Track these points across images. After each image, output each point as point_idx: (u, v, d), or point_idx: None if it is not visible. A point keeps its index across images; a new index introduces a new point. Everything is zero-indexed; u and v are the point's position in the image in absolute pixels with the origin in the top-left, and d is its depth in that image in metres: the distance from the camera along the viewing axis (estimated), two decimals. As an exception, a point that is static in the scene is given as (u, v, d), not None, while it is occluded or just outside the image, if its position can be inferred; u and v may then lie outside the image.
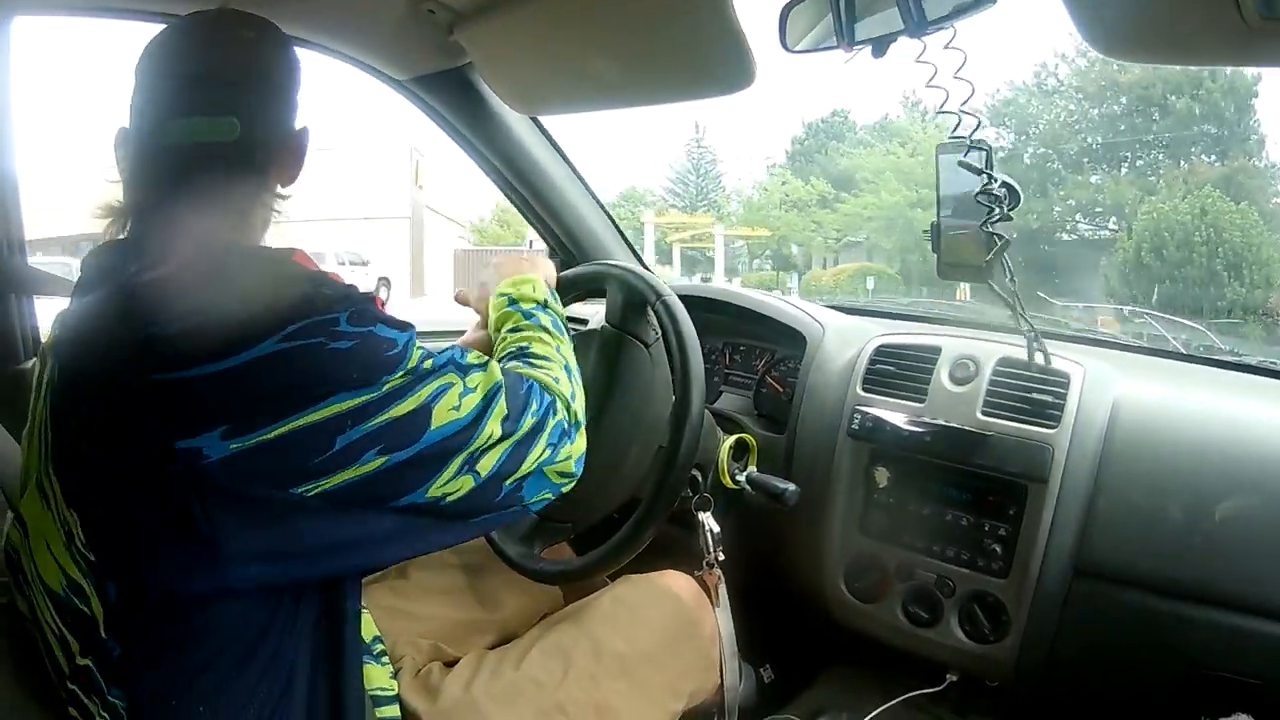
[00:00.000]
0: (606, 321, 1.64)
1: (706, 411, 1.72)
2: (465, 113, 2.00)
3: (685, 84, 1.54)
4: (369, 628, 1.35)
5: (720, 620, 1.63)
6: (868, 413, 1.71)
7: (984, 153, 1.43)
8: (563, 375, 1.28)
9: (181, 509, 0.92)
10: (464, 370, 1.10)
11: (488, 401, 1.09)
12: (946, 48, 1.27)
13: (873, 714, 1.69)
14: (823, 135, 44.16)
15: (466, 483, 1.06)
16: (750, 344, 2.13)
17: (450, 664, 1.45)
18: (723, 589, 1.65)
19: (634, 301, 1.58)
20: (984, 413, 1.60)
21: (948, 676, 1.70)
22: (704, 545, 1.63)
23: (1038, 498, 1.52)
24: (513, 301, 1.43)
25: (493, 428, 1.08)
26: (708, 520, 1.63)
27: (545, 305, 1.43)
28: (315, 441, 0.94)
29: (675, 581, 1.62)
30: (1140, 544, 1.47)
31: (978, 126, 1.42)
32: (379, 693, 1.30)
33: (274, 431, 0.93)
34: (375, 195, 27.22)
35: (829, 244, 41.63)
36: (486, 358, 1.17)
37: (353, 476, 0.97)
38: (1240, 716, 1.38)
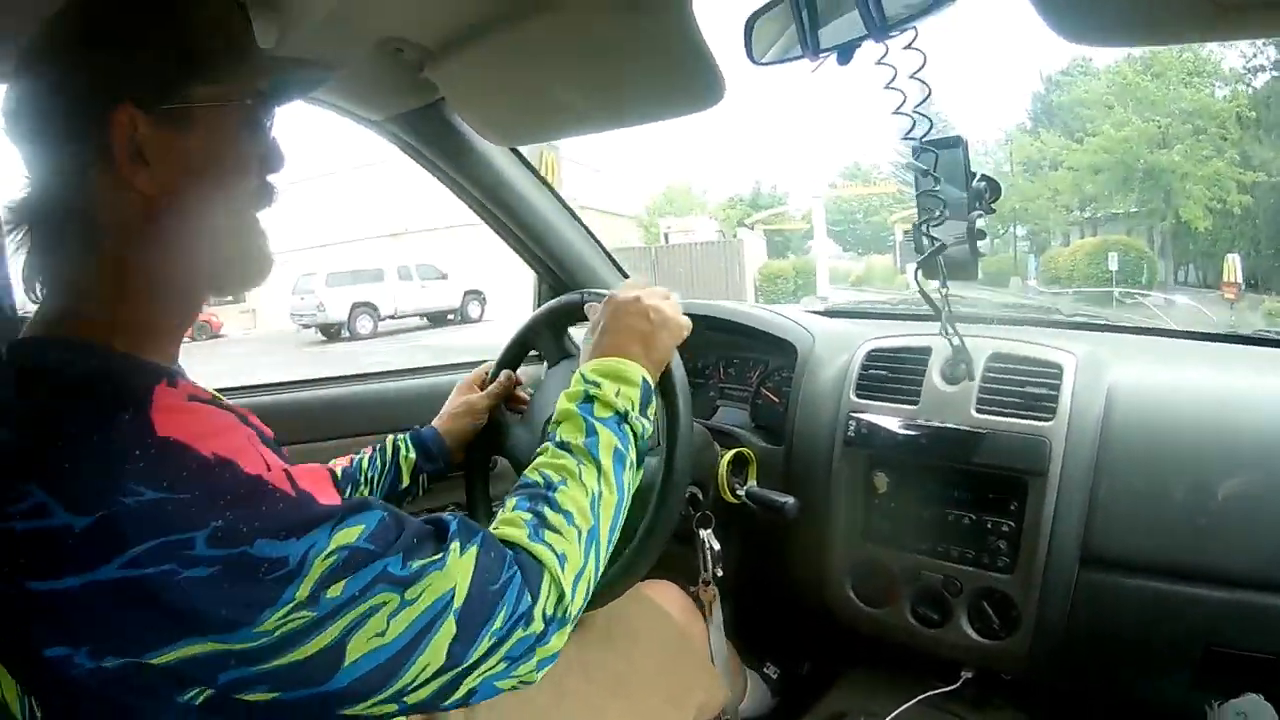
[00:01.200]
0: (548, 365, 1.60)
1: (704, 427, 1.70)
2: (443, 148, 1.96)
3: (657, 105, 1.49)
4: None
5: (713, 637, 1.59)
6: (862, 419, 1.67)
7: (958, 149, 1.42)
8: (574, 549, 0.98)
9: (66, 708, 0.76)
10: (402, 585, 0.81)
11: (433, 618, 0.83)
12: (906, 49, 1.23)
13: (889, 717, 1.65)
14: (1058, 89, 35.83)
15: (389, 708, 0.84)
16: (744, 357, 2.09)
17: None
18: (717, 606, 1.60)
19: (558, 326, 1.52)
20: (978, 410, 1.56)
21: (962, 674, 1.66)
22: (703, 562, 1.58)
23: (1038, 491, 1.48)
24: (587, 399, 1.12)
25: (429, 658, 0.83)
26: (708, 538, 1.57)
27: (624, 418, 1.11)
28: (195, 671, 0.74)
29: (663, 594, 1.59)
30: (1145, 529, 1.43)
31: (929, 130, 1.40)
32: None
33: (146, 660, 0.72)
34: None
35: (1076, 214, 31.67)
36: (440, 549, 0.87)
37: (240, 698, 0.78)
38: (1249, 697, 1.34)
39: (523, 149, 2.03)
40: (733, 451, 1.70)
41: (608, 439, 1.08)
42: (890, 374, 1.70)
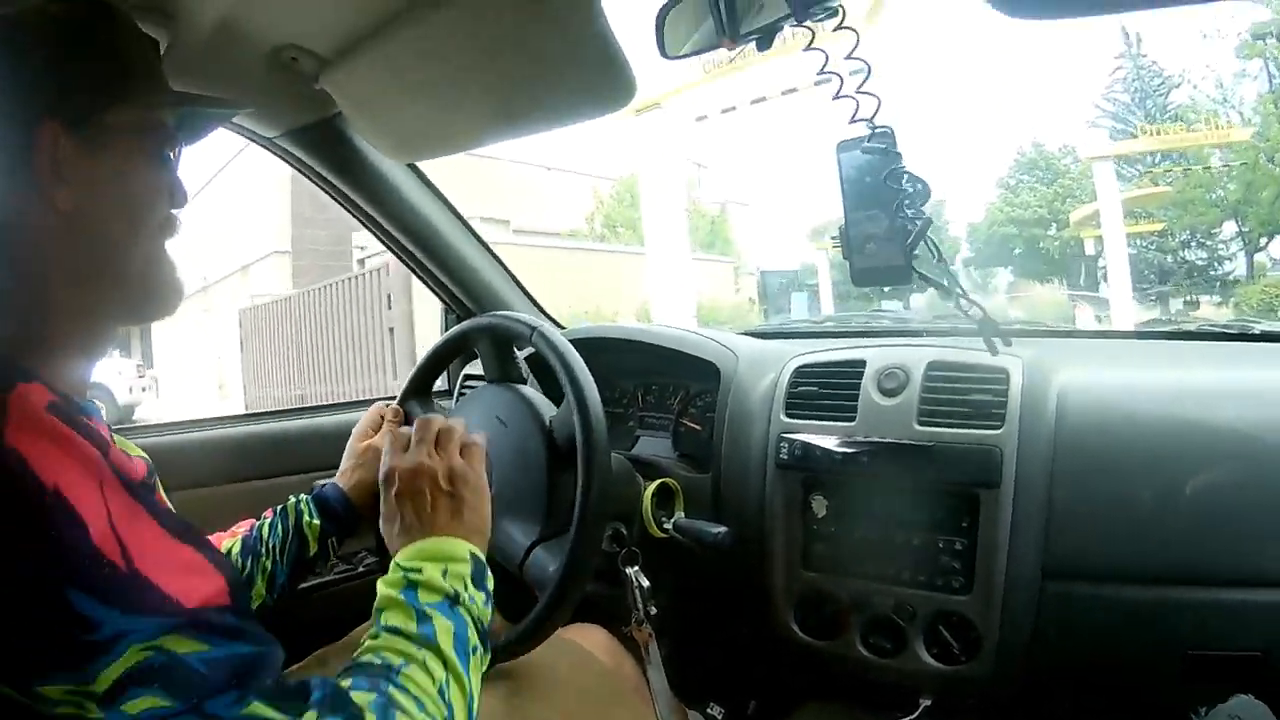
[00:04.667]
0: (488, 380, 1.44)
1: (624, 459, 1.53)
2: (340, 166, 1.77)
3: (564, 108, 1.32)
4: None
5: (653, 678, 1.42)
6: (795, 439, 1.50)
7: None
8: None
9: None
10: None
11: None
12: (836, 30, 1.07)
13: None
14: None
15: None
16: (663, 382, 1.90)
17: None
18: (654, 646, 1.43)
19: (504, 344, 1.40)
20: (920, 423, 1.41)
21: (921, 702, 1.50)
22: (633, 601, 1.41)
23: (992, 504, 1.33)
24: (409, 585, 0.92)
25: None
26: (636, 575, 1.41)
27: (455, 600, 0.91)
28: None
29: (589, 638, 1.43)
30: (1112, 534, 1.31)
31: (878, 108, 1.17)
32: None
33: None
34: (258, 232, 18.88)
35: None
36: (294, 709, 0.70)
37: None
38: (1240, 698, 1.22)
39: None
40: (656, 483, 1.53)
41: (443, 625, 0.88)
42: (821, 389, 1.54)
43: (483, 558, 0.99)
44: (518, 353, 1.47)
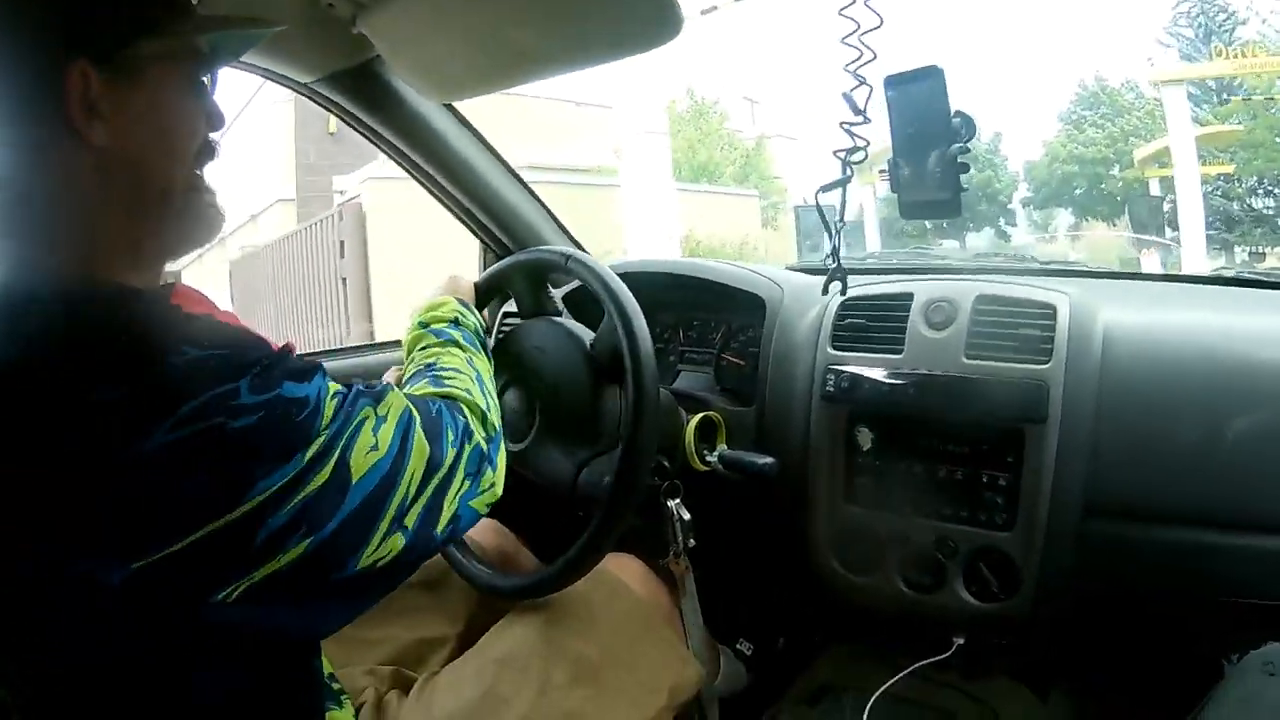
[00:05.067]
0: (522, 315, 1.51)
1: (667, 392, 1.52)
2: (378, 110, 1.76)
3: (608, 42, 1.30)
4: (322, 665, 1.12)
5: (687, 611, 1.45)
6: (843, 371, 1.49)
7: (936, 80, 1.26)
8: (474, 387, 1.11)
9: (84, 635, 0.72)
10: (375, 398, 0.87)
11: (403, 429, 0.88)
12: None
13: (878, 692, 1.49)
14: None
15: (397, 541, 0.85)
16: (704, 317, 1.89)
17: (410, 689, 1.25)
18: (690, 579, 1.45)
19: (537, 279, 1.48)
20: (968, 356, 1.39)
21: (954, 641, 1.49)
22: (672, 534, 1.42)
23: (1037, 440, 1.32)
24: (423, 325, 1.27)
25: (415, 465, 0.88)
26: (677, 508, 1.42)
27: (456, 322, 1.28)
28: (234, 543, 0.71)
29: (626, 568, 1.44)
30: (1155, 474, 1.29)
31: (870, 60, 1.21)
32: None
33: (180, 543, 0.69)
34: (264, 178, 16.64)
35: None
36: (388, 382, 1.00)
37: (277, 568, 0.74)
38: (1276, 645, 1.20)
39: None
40: (700, 415, 1.53)
41: (452, 332, 1.25)
42: (869, 322, 1.53)
43: (466, 301, 1.36)
44: (552, 290, 1.50)
